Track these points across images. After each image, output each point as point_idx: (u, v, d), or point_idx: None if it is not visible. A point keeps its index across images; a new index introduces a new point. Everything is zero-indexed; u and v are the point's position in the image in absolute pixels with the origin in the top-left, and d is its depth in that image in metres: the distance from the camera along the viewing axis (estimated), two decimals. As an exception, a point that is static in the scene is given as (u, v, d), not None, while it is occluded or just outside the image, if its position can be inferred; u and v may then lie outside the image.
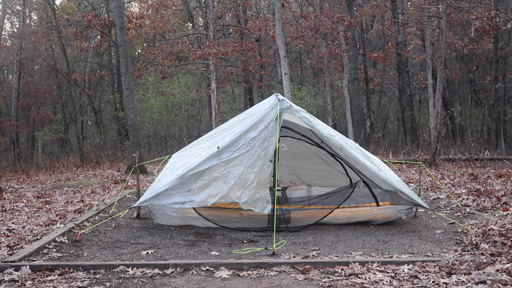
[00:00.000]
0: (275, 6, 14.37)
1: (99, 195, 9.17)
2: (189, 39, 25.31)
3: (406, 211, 5.97)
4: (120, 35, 14.65)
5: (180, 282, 3.87)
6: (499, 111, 21.21)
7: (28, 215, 7.15)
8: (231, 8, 22.59)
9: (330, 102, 23.70)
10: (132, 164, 8.11)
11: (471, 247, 4.66)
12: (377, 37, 27.42)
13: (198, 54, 16.84)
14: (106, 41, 23.28)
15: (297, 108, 5.75)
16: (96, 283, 3.87)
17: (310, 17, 21.78)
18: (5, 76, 29.37)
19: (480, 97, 25.69)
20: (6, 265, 4.23)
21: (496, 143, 20.91)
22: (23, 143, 28.15)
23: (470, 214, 6.34)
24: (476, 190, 8.17)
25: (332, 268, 4.09)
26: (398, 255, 4.52)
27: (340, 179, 7.12)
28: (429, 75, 20.89)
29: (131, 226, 6.19)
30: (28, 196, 9.48)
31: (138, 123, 14.64)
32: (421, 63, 25.80)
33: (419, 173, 7.12)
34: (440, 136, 14.63)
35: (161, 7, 24.93)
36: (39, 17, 28.84)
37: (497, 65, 21.48)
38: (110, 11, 21.89)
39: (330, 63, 22.76)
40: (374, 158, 6.15)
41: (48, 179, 13.78)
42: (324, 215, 5.94)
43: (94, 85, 26.95)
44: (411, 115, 23.50)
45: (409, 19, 22.60)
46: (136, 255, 4.72)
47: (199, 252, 4.82)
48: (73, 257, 4.71)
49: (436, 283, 3.65)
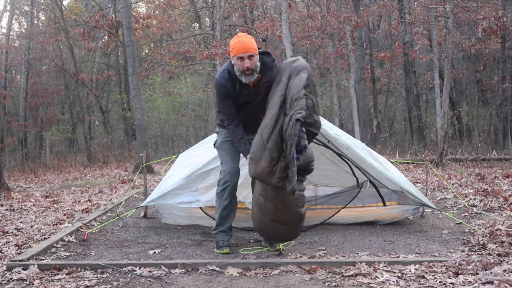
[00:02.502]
0: (282, 6, 14.38)
1: (106, 195, 9.22)
2: (196, 39, 25.38)
3: (413, 211, 5.96)
4: (127, 35, 14.70)
5: (187, 282, 3.88)
6: (506, 111, 21.10)
7: (36, 215, 7.20)
8: (238, 8, 22.63)
9: (337, 102, 23.68)
10: (139, 164, 8.13)
11: (478, 247, 4.65)
12: (384, 37, 27.36)
13: (205, 54, 16.89)
14: (114, 41, 23.38)
15: (303, 108, 5.75)
16: (104, 282, 3.90)
17: (317, 17, 21.75)
18: (13, 76, 29.52)
19: (487, 97, 25.58)
20: (14, 264, 4.26)
21: (503, 143, 20.81)
22: (31, 143, 28.31)
23: (477, 214, 6.32)
24: (483, 190, 8.15)
25: (339, 268, 4.10)
26: (405, 255, 4.52)
27: (346, 179, 7.10)
28: (436, 75, 20.83)
29: (138, 225, 6.21)
30: (36, 195, 9.54)
31: (145, 123, 14.69)
32: (428, 63, 25.71)
33: (426, 173, 7.10)
34: (447, 136, 14.59)
35: (168, 8, 25.01)
36: (46, 17, 28.97)
37: (504, 65, 21.38)
38: (118, 12, 21.99)
39: (336, 63, 22.74)
40: (381, 158, 6.14)
41: (56, 178, 13.85)
42: (331, 215, 5.94)
43: (102, 85, 27.05)
44: (418, 115, 23.44)
45: (416, 19, 22.54)
46: (143, 255, 4.75)
47: (206, 252, 4.84)
48: (80, 256, 4.74)
49: (443, 283, 3.65)
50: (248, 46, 4.46)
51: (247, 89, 4.63)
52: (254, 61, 4.46)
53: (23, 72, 26.00)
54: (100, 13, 22.48)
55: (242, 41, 4.48)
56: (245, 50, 4.43)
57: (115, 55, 25.92)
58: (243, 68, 4.45)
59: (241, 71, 4.49)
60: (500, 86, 21.52)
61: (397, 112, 29.15)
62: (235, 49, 4.46)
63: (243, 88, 4.61)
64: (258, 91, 4.63)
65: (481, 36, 18.47)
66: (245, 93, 4.64)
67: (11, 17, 27.69)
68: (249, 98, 4.66)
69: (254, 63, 4.47)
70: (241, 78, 4.53)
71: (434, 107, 23.71)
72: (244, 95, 4.65)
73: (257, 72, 4.52)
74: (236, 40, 4.52)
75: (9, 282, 3.93)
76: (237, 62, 4.47)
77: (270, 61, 4.64)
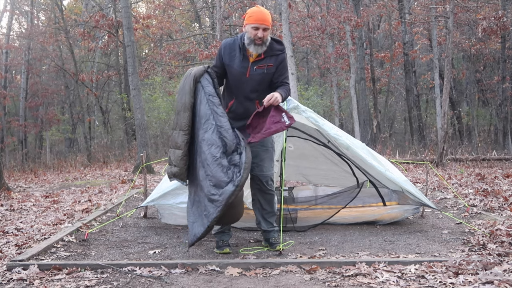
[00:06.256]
0: (282, 6, 14.37)
1: (106, 195, 9.22)
2: (196, 39, 25.37)
3: (413, 211, 5.96)
4: (127, 35, 14.69)
5: (187, 282, 3.88)
6: (506, 111, 21.12)
7: (36, 215, 7.21)
8: (238, 8, 22.61)
9: (337, 102, 23.70)
10: (139, 164, 8.14)
11: (478, 247, 4.65)
12: (384, 37, 27.38)
13: (205, 54, 16.90)
14: (114, 41, 23.38)
15: (304, 108, 5.75)
16: (104, 282, 3.90)
17: (317, 17, 21.77)
18: (13, 76, 29.56)
19: (487, 97, 25.60)
20: (14, 264, 4.26)
21: (503, 143, 20.83)
22: (31, 143, 28.34)
23: (477, 214, 6.32)
24: (483, 190, 8.15)
25: (339, 268, 4.09)
26: (405, 255, 4.52)
27: (347, 179, 7.11)
28: (436, 75, 20.84)
29: (138, 225, 6.22)
30: (36, 195, 9.54)
31: (145, 123, 14.68)
32: (428, 63, 25.73)
33: (426, 173, 7.10)
34: (447, 136, 14.58)
35: (168, 8, 25.00)
36: (47, 17, 29.00)
37: (504, 65, 21.39)
38: (118, 12, 21.99)
39: (336, 63, 22.75)
40: (381, 158, 6.14)
41: (56, 178, 13.85)
42: (331, 215, 5.94)
43: (102, 85, 27.07)
44: (418, 115, 23.45)
45: (416, 19, 22.55)
46: (143, 255, 4.75)
47: (206, 252, 4.84)
48: (80, 256, 4.74)
49: (443, 283, 3.65)
50: (266, 18, 4.52)
51: (244, 62, 4.61)
52: (266, 35, 4.52)
53: (23, 72, 26.03)
54: (100, 13, 22.48)
55: (261, 12, 4.53)
56: (262, 21, 4.48)
57: (115, 55, 25.92)
58: (255, 37, 4.48)
59: (251, 39, 4.50)
60: (500, 86, 21.53)
61: (397, 112, 29.15)
62: (253, 17, 4.50)
63: (242, 61, 4.60)
64: (255, 70, 4.61)
65: (481, 36, 18.46)
66: (241, 65, 4.61)
67: (11, 17, 27.72)
68: (243, 71, 4.61)
69: (266, 36, 4.52)
70: (249, 47, 4.54)
71: (434, 107, 23.73)
72: (239, 67, 4.62)
73: (266, 46, 4.55)
74: (256, 10, 4.57)
75: (9, 282, 3.93)
76: (251, 30, 4.49)
77: (278, 48, 4.65)
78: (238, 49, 4.61)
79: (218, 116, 4.36)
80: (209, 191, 4.28)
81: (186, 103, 4.47)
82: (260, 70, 4.61)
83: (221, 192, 4.20)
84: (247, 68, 4.61)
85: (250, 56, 4.60)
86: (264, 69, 4.61)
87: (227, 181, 4.19)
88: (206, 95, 4.44)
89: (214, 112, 4.37)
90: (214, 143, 4.31)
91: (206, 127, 4.37)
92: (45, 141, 27.90)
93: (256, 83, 4.64)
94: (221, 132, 4.31)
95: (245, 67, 4.61)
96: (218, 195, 4.21)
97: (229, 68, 4.66)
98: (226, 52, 4.65)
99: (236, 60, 4.62)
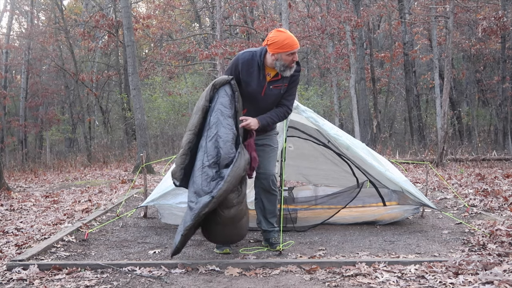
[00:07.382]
0: (282, 6, 14.38)
1: (106, 195, 9.22)
2: (196, 39, 25.38)
3: (413, 211, 5.96)
4: (127, 35, 14.69)
5: (187, 282, 3.88)
6: (506, 111, 21.12)
7: (36, 215, 7.21)
8: (238, 8, 22.62)
9: (337, 102, 23.69)
10: (139, 163, 8.14)
11: (478, 248, 4.65)
12: (384, 37, 27.38)
13: (205, 54, 16.89)
14: (114, 41, 23.39)
15: (304, 108, 5.76)
16: (104, 282, 3.90)
17: (317, 17, 21.76)
18: (13, 76, 29.56)
19: (487, 97, 25.60)
20: (14, 264, 4.26)
21: (503, 143, 20.83)
22: (31, 142, 28.35)
23: (477, 214, 6.32)
24: (483, 190, 8.14)
25: (339, 268, 4.10)
26: (405, 255, 4.52)
27: (347, 179, 7.12)
28: (436, 75, 20.84)
29: (138, 225, 6.22)
30: (36, 195, 9.54)
31: (145, 123, 14.68)
32: (428, 63, 25.73)
33: (426, 173, 7.10)
34: (447, 136, 14.58)
35: (168, 8, 24.99)
36: (47, 17, 29.00)
37: (504, 65, 21.39)
38: (118, 12, 22.00)
39: (336, 63, 22.73)
40: (381, 158, 6.14)
41: (56, 178, 13.85)
42: (331, 215, 5.94)
43: (102, 85, 27.07)
44: (418, 115, 23.45)
45: (416, 19, 22.55)
46: (143, 255, 4.75)
47: (206, 252, 4.84)
48: (80, 256, 4.74)
49: (443, 283, 3.65)
50: (296, 41, 4.51)
51: (262, 81, 4.57)
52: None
53: (23, 72, 26.03)
54: (100, 13, 22.49)
55: (291, 37, 4.48)
56: (296, 46, 4.46)
57: (115, 55, 25.93)
58: (290, 63, 4.47)
59: (286, 66, 4.48)
60: (500, 86, 21.52)
61: (397, 112, 29.15)
62: (288, 44, 4.43)
63: (260, 79, 4.56)
64: (270, 90, 4.59)
65: (481, 36, 18.46)
66: (258, 84, 4.57)
67: (11, 17, 27.71)
68: (259, 90, 4.58)
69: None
70: (283, 73, 4.51)
71: (434, 107, 23.74)
72: (256, 85, 4.57)
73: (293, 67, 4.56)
74: (285, 36, 4.48)
75: (9, 282, 3.93)
76: (287, 58, 4.45)
77: (296, 69, 4.61)
78: (257, 67, 4.55)
79: (221, 126, 4.34)
80: (189, 198, 4.27)
81: (199, 106, 4.48)
82: (276, 91, 4.60)
83: (197, 201, 4.16)
84: (263, 87, 4.59)
85: (268, 75, 4.58)
86: (281, 89, 4.61)
87: (206, 191, 4.13)
88: (218, 104, 4.43)
89: (219, 122, 4.35)
90: (208, 151, 4.29)
91: (208, 135, 4.37)
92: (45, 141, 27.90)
93: (270, 101, 4.65)
94: (218, 142, 4.29)
95: (262, 86, 4.58)
96: (195, 203, 4.16)
97: (246, 84, 4.59)
98: (244, 69, 4.55)
99: (254, 78, 4.56)
